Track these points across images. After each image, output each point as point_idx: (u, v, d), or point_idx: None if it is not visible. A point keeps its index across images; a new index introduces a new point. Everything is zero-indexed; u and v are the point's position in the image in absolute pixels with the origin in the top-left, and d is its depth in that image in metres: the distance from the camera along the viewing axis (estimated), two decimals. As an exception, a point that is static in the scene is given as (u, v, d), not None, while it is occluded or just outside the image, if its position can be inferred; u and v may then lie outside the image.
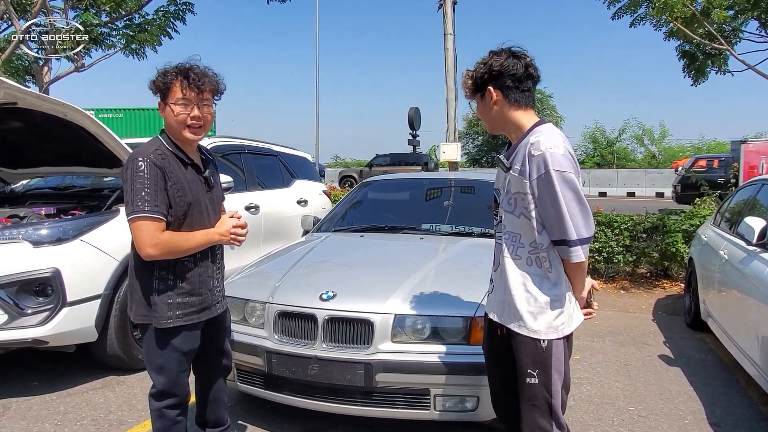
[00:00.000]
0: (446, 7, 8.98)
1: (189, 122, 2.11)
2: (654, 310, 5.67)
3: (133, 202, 2.00)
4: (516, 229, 1.91)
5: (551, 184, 1.77)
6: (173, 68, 2.11)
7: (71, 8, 9.65)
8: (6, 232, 3.29)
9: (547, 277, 1.88)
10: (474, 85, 1.95)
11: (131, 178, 2.02)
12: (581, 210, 1.80)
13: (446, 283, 2.92)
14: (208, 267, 2.23)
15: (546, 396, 1.86)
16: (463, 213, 4.26)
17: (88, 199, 4.27)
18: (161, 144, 2.13)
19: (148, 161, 2.03)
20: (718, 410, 3.27)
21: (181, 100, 2.08)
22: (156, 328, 2.11)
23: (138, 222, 2.00)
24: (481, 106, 1.98)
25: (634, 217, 6.66)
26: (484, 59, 1.92)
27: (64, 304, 3.27)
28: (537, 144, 1.80)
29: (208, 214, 2.21)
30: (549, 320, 1.86)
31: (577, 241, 1.80)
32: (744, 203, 4.47)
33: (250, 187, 5.42)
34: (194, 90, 2.09)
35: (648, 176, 28.06)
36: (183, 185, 2.11)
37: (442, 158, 9.42)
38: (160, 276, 2.11)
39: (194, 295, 2.17)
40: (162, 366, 2.16)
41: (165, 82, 2.09)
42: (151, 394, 2.23)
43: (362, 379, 2.54)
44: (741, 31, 8.70)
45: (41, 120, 3.65)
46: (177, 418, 2.24)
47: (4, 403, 3.28)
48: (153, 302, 2.10)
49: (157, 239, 2.01)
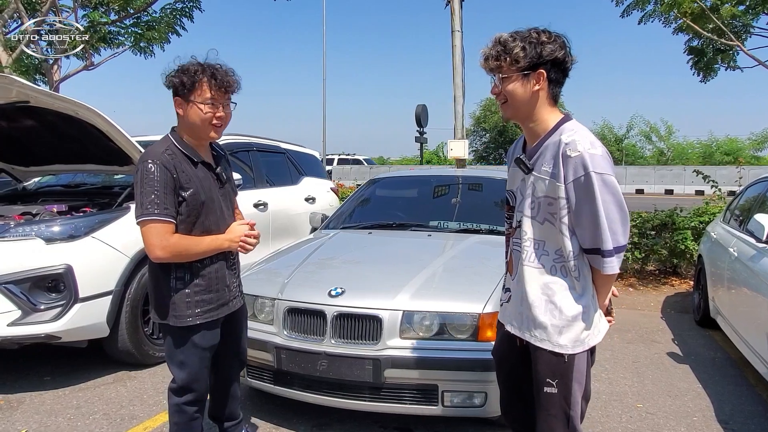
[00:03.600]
0: (454, 4, 8.95)
1: (213, 122, 2.11)
2: (663, 307, 5.65)
3: (143, 205, 2.01)
4: (540, 236, 1.76)
5: (591, 188, 1.61)
6: (197, 65, 2.08)
7: (80, 7, 9.71)
8: (19, 229, 3.34)
9: (574, 288, 1.74)
10: (528, 60, 1.67)
11: (141, 180, 2.02)
12: (621, 216, 1.66)
13: (454, 279, 2.93)
14: (224, 264, 2.25)
15: (564, 406, 1.75)
16: (471, 210, 4.26)
17: (99, 197, 4.32)
18: (171, 143, 2.12)
19: (158, 163, 2.03)
20: (727, 408, 3.26)
21: (209, 100, 2.07)
22: (176, 326, 2.13)
23: (147, 225, 2.02)
24: (519, 86, 1.70)
25: (642, 214, 6.63)
26: (544, 37, 1.68)
27: (77, 300, 3.31)
28: (573, 144, 1.64)
29: (222, 211, 2.23)
30: (576, 334, 1.73)
31: (613, 250, 1.66)
32: (754, 200, 4.44)
33: (258, 184, 5.44)
34: (221, 90, 2.09)
35: (657, 173, 27.85)
36: (195, 184, 2.11)
37: (450, 155, 9.38)
38: (178, 275, 2.13)
39: (212, 292, 2.19)
40: (183, 362, 2.18)
41: (192, 80, 2.05)
42: (170, 388, 2.24)
43: (371, 375, 2.56)
44: (751, 26, 8.61)
45: (53, 118, 3.69)
46: (195, 414, 2.26)
47: (18, 398, 3.33)
48: (172, 301, 2.12)
49: (166, 242, 2.02)
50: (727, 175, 16.83)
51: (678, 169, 25.68)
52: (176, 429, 2.26)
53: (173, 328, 2.15)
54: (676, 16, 8.17)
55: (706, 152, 38.93)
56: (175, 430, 2.27)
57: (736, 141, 38.77)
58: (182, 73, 2.06)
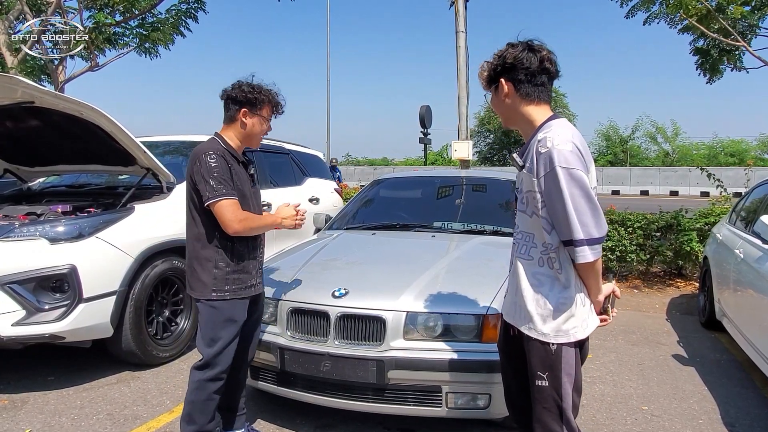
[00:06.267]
0: (458, 4, 8.93)
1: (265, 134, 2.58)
2: (668, 309, 5.62)
3: (214, 188, 2.31)
4: (529, 229, 1.86)
5: (557, 181, 1.71)
6: (267, 90, 2.52)
7: (85, 8, 9.75)
8: (24, 230, 3.35)
9: (558, 279, 1.82)
10: (488, 76, 1.91)
11: (207, 168, 2.33)
12: (590, 208, 1.72)
13: (458, 280, 2.92)
14: (256, 249, 2.55)
15: (555, 398, 1.82)
16: (475, 211, 4.25)
17: (104, 197, 4.32)
18: (220, 144, 2.45)
19: (218, 154, 2.36)
20: (732, 410, 3.24)
21: (267, 119, 2.55)
22: (215, 300, 2.40)
23: (222, 202, 2.32)
24: (495, 99, 1.94)
25: (647, 215, 6.60)
26: (500, 51, 1.88)
27: (81, 300, 3.32)
28: (544, 141, 1.75)
29: (253, 206, 2.53)
30: (558, 324, 1.81)
31: (584, 240, 1.72)
32: (760, 202, 4.41)
33: (262, 185, 5.38)
34: (274, 111, 2.59)
35: (662, 174, 27.74)
36: (241, 178, 2.46)
37: (454, 156, 9.35)
38: (220, 255, 2.41)
39: (245, 273, 2.48)
40: (213, 339, 2.40)
41: (263, 99, 2.48)
42: (194, 366, 2.43)
43: (374, 376, 2.55)
44: (757, 27, 8.56)
45: (58, 118, 3.70)
46: (213, 395, 2.43)
47: (22, 398, 3.34)
48: (214, 278, 2.40)
49: (242, 215, 2.35)
50: (733, 177, 16.74)
51: (683, 170, 25.56)
52: (191, 408, 2.40)
53: (213, 302, 2.40)
54: (681, 17, 8.13)
55: (710, 153, 38.82)
56: (190, 409, 2.40)
57: (740, 142, 38.63)
58: (257, 92, 2.47)
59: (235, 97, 2.46)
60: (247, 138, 2.53)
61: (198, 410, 2.40)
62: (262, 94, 2.48)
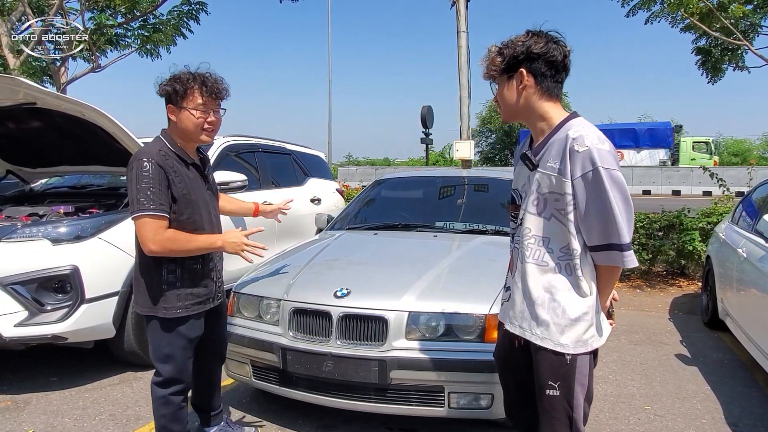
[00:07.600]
0: (459, 4, 8.93)
1: (205, 126, 2.25)
2: (670, 308, 5.61)
3: (138, 201, 2.12)
4: (545, 233, 1.73)
5: (600, 183, 1.60)
6: (189, 74, 2.22)
7: (87, 10, 9.76)
8: (26, 230, 3.35)
9: (579, 287, 1.71)
10: (505, 63, 1.73)
11: (136, 177, 2.13)
12: (627, 213, 1.63)
13: (460, 280, 2.91)
14: (212, 260, 2.39)
15: (567, 408, 1.73)
16: (477, 211, 4.25)
17: (106, 198, 4.33)
18: (164, 144, 2.24)
19: (153, 161, 2.14)
20: (736, 410, 3.23)
21: (201, 106, 2.22)
22: (164, 318, 2.24)
23: (142, 219, 2.13)
24: (506, 89, 1.77)
25: (650, 215, 6.59)
26: (521, 38, 1.72)
27: (83, 300, 3.32)
28: (581, 139, 1.62)
29: (208, 211, 2.37)
30: (578, 334, 1.71)
31: (628, 245, 1.63)
32: (763, 201, 4.40)
33: (264, 185, 5.44)
34: (212, 96, 2.23)
35: (664, 174, 27.65)
36: (187, 183, 2.25)
37: (455, 156, 9.35)
38: (170, 269, 2.24)
39: (200, 287, 2.33)
40: (169, 354, 2.28)
41: (184, 87, 2.19)
42: (155, 382, 2.33)
43: (376, 376, 2.55)
44: (760, 26, 8.54)
45: (59, 119, 3.70)
46: (181, 404, 2.36)
47: (25, 398, 3.34)
48: (163, 294, 2.23)
49: (160, 236, 2.14)
50: (735, 176, 16.71)
51: (685, 169, 25.41)
52: (164, 421, 2.33)
53: (161, 319, 2.24)
54: (683, 15, 8.11)
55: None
56: (163, 423, 2.34)
57: (743, 142, 38.54)
58: (175, 82, 2.20)
59: (159, 94, 2.25)
60: (185, 135, 2.26)
61: (171, 421, 2.33)
62: (180, 83, 2.19)
